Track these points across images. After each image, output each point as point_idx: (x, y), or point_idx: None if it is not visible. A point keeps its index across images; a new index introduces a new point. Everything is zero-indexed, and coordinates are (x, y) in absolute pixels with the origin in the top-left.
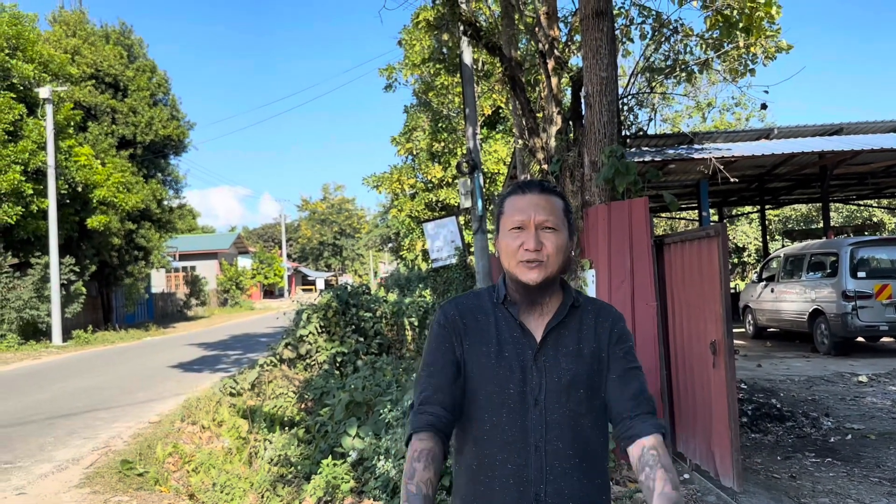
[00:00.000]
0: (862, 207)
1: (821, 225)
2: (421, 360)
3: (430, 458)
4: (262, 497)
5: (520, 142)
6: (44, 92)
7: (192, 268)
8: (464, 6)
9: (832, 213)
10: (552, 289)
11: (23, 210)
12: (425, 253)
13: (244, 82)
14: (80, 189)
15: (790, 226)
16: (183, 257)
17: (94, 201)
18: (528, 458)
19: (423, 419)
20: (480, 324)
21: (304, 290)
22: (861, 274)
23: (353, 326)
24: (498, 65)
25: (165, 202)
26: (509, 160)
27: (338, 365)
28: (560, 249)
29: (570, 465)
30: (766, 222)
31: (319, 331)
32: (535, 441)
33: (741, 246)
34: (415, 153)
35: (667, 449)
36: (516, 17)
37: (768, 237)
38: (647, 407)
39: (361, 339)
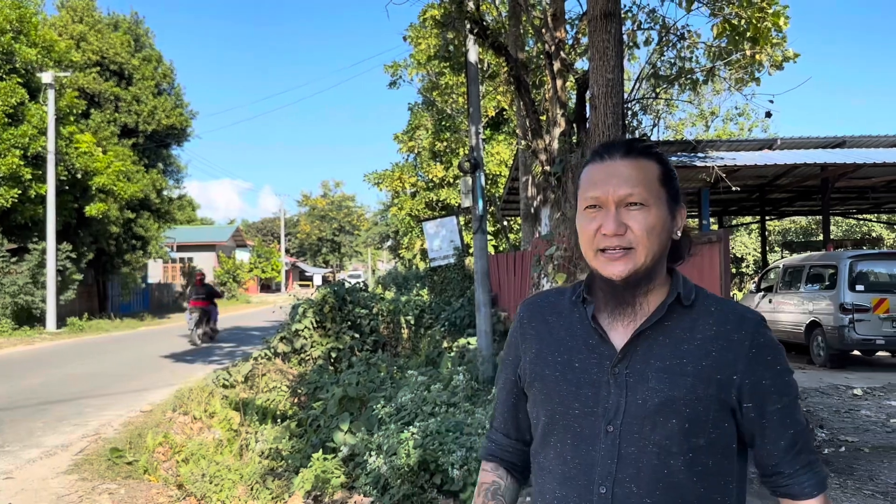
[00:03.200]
0: (861, 222)
1: (820, 238)
2: None
3: (489, 493)
4: (252, 489)
5: (523, 143)
6: (46, 77)
7: (190, 259)
8: (471, 4)
9: (832, 227)
10: (649, 284)
11: (20, 194)
12: (424, 252)
13: (249, 74)
14: (79, 176)
15: (789, 238)
16: (181, 248)
17: (94, 189)
18: (590, 500)
19: (486, 447)
20: (550, 326)
21: (301, 285)
22: (859, 287)
23: (349, 323)
24: (503, 66)
25: (165, 192)
26: (511, 162)
27: (332, 360)
28: (653, 231)
29: None
30: (766, 234)
31: (315, 326)
32: (602, 478)
33: (740, 257)
34: (417, 152)
35: None
36: (523, 17)
37: (767, 249)
38: (808, 455)
39: (357, 336)
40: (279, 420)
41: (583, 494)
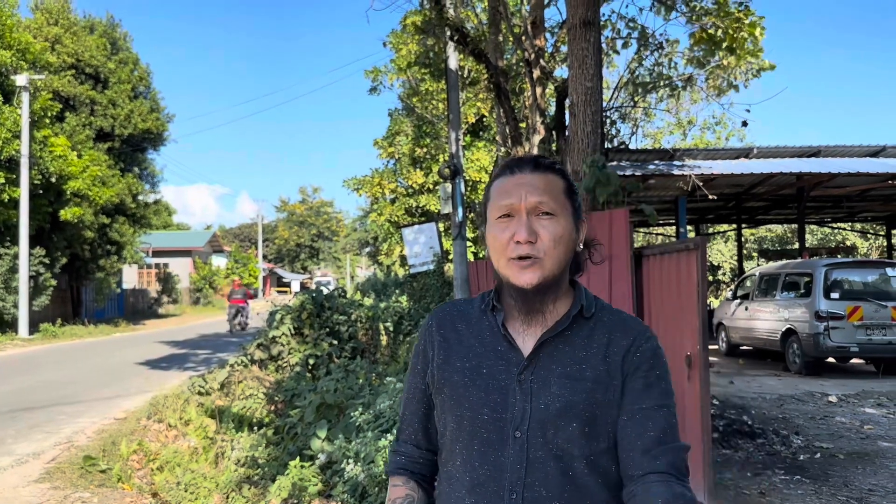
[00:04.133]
0: (836, 230)
1: (795, 246)
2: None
3: None
4: (227, 497)
5: (502, 149)
6: (20, 79)
7: (166, 265)
8: (451, 12)
9: (807, 235)
10: (556, 292)
11: None
12: (403, 259)
13: (226, 79)
14: (54, 180)
15: (765, 246)
16: (156, 254)
17: (68, 193)
18: None
19: (394, 461)
20: (460, 334)
21: (279, 291)
22: (834, 295)
23: (328, 329)
24: (483, 73)
25: (141, 197)
26: (491, 169)
27: (310, 367)
28: (560, 240)
29: None
30: (742, 242)
31: (292, 332)
32: (512, 483)
33: (716, 264)
34: (397, 157)
35: None
36: (503, 25)
37: (743, 256)
38: (666, 463)
39: (335, 342)
40: (255, 428)
41: (493, 501)
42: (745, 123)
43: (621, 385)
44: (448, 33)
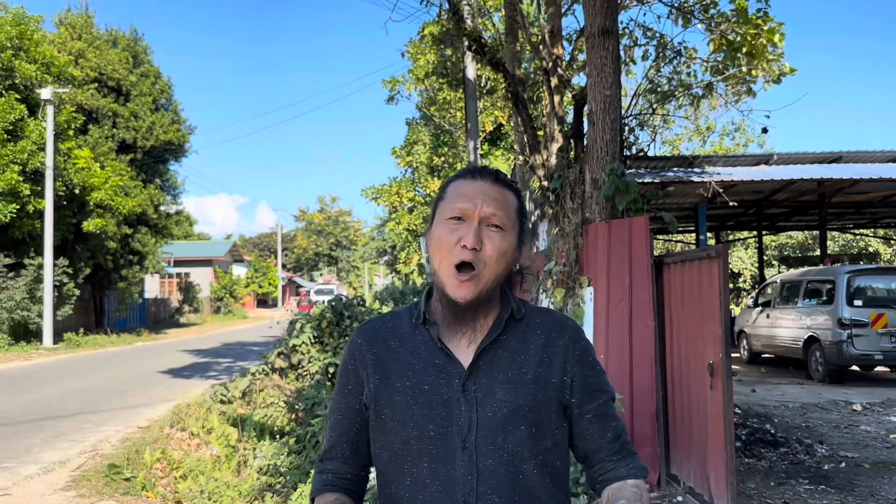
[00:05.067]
0: (858, 237)
1: (817, 253)
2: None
3: None
4: None
5: (520, 158)
6: (45, 93)
7: (187, 274)
8: (469, 22)
9: (828, 242)
10: (487, 305)
11: (18, 209)
12: (421, 267)
13: (247, 91)
14: (77, 191)
15: (786, 253)
16: (177, 263)
17: (92, 204)
18: None
19: (320, 479)
20: (394, 352)
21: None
22: (857, 302)
23: (347, 338)
24: (501, 82)
25: (163, 207)
26: (509, 176)
27: (329, 376)
28: (503, 255)
29: None
30: (763, 249)
31: (312, 341)
32: (465, 496)
33: (737, 272)
34: (415, 166)
35: (648, 497)
36: (521, 34)
37: (764, 263)
38: (629, 448)
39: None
40: (277, 436)
41: None
42: (765, 130)
43: (564, 384)
44: (466, 43)
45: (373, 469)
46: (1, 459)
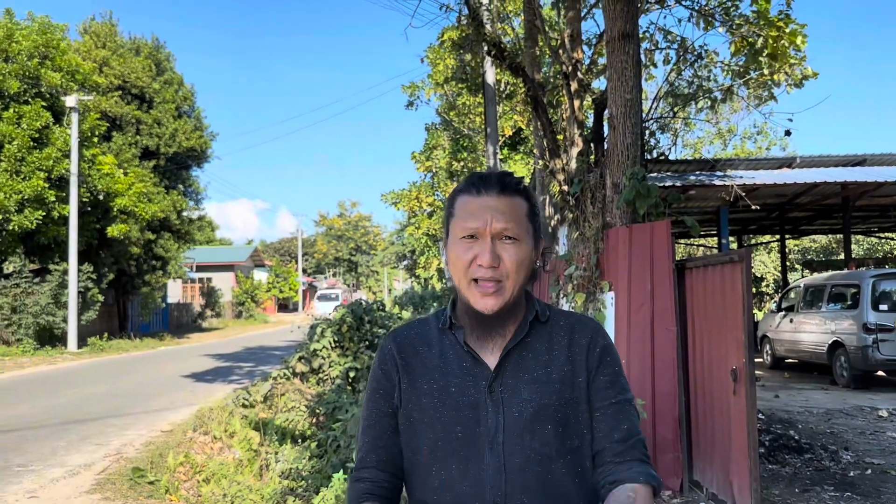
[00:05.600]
0: (883, 240)
1: (841, 257)
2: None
3: None
4: None
5: (540, 163)
6: (70, 101)
7: (209, 279)
8: (488, 27)
9: (853, 245)
10: (514, 313)
11: (44, 215)
12: (441, 272)
13: (267, 97)
14: (101, 197)
15: (810, 257)
16: (200, 268)
17: (115, 210)
18: None
19: (358, 489)
20: (422, 357)
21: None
22: (883, 307)
23: (367, 342)
24: (520, 86)
25: (185, 213)
26: (528, 182)
27: (350, 380)
28: (522, 265)
29: None
30: (786, 252)
31: (333, 345)
32: (494, 496)
33: (759, 276)
34: (434, 171)
35: None
36: (540, 38)
37: (787, 268)
38: (640, 453)
39: (374, 356)
40: (298, 440)
41: None
42: (788, 133)
43: (586, 382)
44: (485, 48)
45: None
46: (28, 462)
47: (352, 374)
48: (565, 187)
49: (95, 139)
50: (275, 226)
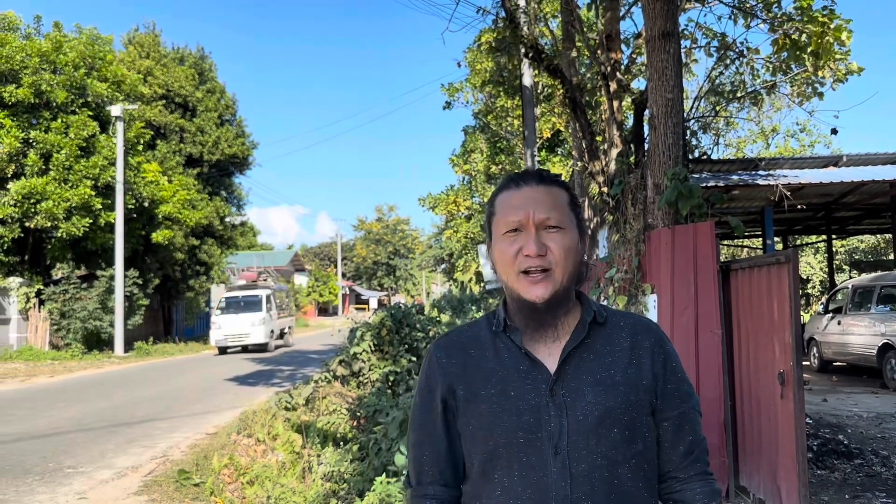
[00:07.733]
0: None
1: (890, 257)
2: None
3: None
4: None
5: (579, 164)
6: (115, 110)
7: None
8: (525, 29)
9: None
10: (566, 304)
11: (91, 223)
12: (479, 275)
13: (307, 103)
14: (146, 204)
15: (857, 257)
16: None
17: (160, 216)
18: None
19: None
20: (475, 360)
21: (357, 308)
22: None
23: (406, 346)
24: (558, 88)
25: (228, 219)
26: (566, 182)
27: (390, 384)
28: (570, 252)
29: None
30: (833, 253)
31: (372, 349)
32: (558, 502)
33: (805, 277)
34: (472, 175)
35: None
36: (578, 39)
37: (834, 268)
38: (702, 465)
39: (414, 359)
40: (340, 443)
41: None
42: (834, 131)
43: (652, 386)
44: (522, 50)
45: None
46: (78, 464)
47: (391, 378)
48: (605, 189)
49: (140, 147)
50: (315, 231)
